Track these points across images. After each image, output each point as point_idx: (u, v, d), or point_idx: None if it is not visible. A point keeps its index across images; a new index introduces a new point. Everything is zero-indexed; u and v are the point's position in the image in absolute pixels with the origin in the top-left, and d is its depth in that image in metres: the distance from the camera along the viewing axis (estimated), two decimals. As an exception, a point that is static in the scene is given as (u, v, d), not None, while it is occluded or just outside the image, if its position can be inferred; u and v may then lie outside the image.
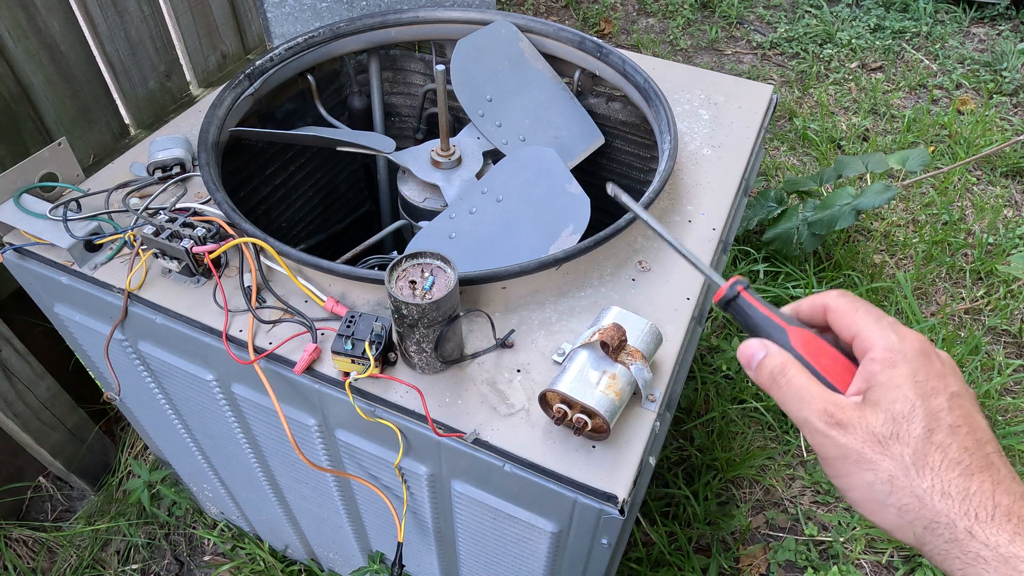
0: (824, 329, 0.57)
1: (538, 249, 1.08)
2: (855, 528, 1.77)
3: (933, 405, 0.49)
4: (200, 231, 0.93)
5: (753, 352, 0.55)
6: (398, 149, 1.25)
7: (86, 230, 0.98)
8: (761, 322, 0.55)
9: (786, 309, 0.58)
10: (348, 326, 0.83)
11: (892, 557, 1.73)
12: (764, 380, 0.54)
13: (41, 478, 1.83)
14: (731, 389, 2.03)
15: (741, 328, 0.57)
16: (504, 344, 0.88)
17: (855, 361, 0.54)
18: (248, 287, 0.93)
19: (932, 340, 2.11)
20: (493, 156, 1.30)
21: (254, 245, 0.95)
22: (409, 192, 1.28)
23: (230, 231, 0.95)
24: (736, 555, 1.73)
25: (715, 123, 1.27)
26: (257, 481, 1.28)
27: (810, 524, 1.79)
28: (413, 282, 0.78)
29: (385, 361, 0.85)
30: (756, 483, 1.89)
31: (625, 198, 0.65)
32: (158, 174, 1.10)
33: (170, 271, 0.96)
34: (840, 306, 0.54)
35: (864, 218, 2.60)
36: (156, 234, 0.92)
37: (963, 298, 2.37)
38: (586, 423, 0.74)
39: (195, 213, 0.99)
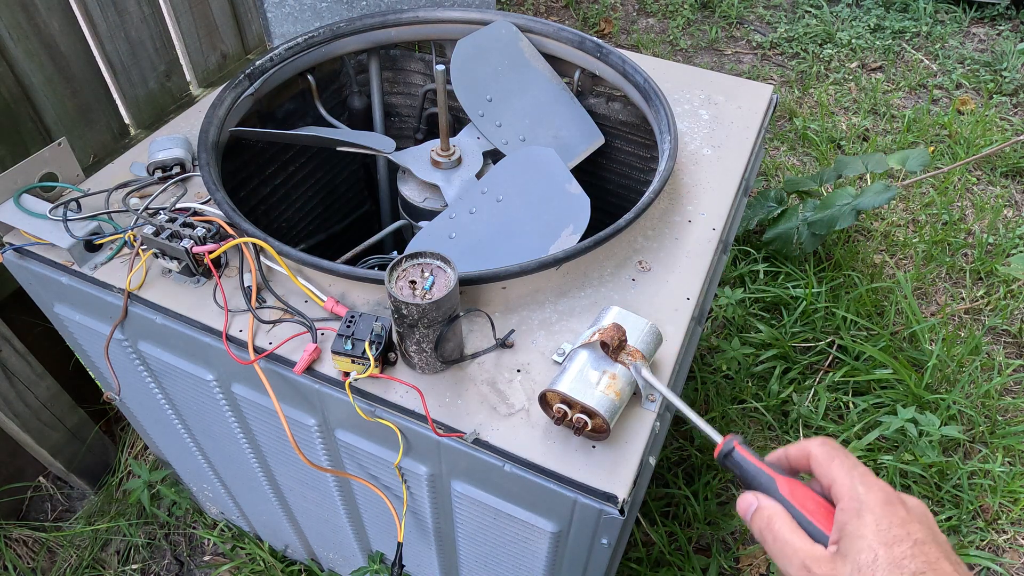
0: (811, 473, 0.61)
1: (538, 249, 1.08)
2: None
3: (895, 553, 0.51)
4: (200, 231, 0.93)
5: (748, 504, 0.61)
6: (398, 149, 1.25)
7: (86, 230, 0.98)
8: (754, 473, 0.61)
9: (778, 452, 0.63)
10: (348, 326, 0.83)
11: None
12: (755, 532, 0.60)
13: (41, 478, 1.83)
14: (731, 389, 2.03)
15: (738, 480, 0.65)
16: (504, 344, 0.88)
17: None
18: (248, 287, 0.93)
19: (932, 340, 2.11)
20: (493, 156, 1.30)
21: (254, 245, 0.95)
22: (409, 192, 1.28)
23: (230, 231, 0.95)
24: (736, 555, 1.73)
25: (715, 123, 1.27)
26: (257, 481, 1.28)
27: (810, 524, 1.78)
28: (413, 282, 0.78)
29: (385, 361, 0.85)
30: (756, 483, 1.88)
31: (647, 374, 0.75)
32: (158, 174, 1.10)
33: (170, 271, 0.96)
34: (819, 455, 0.60)
35: (864, 218, 2.60)
36: (156, 234, 0.92)
37: (963, 298, 2.37)
38: (586, 423, 0.74)
39: (195, 213, 0.99)
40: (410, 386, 0.83)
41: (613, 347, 0.75)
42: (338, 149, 1.22)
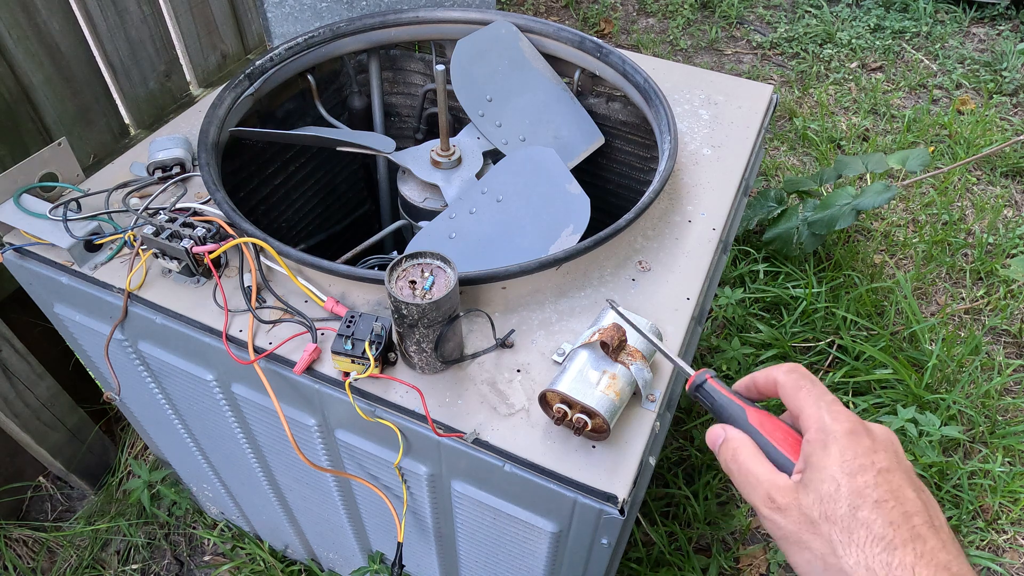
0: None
1: (538, 249, 1.08)
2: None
3: (858, 483, 0.51)
4: (200, 231, 0.93)
5: (716, 436, 0.61)
6: (398, 149, 1.25)
7: (86, 230, 0.98)
8: (724, 404, 0.62)
9: (745, 380, 0.63)
10: (348, 326, 0.83)
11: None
12: (723, 463, 0.61)
13: (41, 478, 1.83)
14: (731, 389, 2.03)
15: (709, 412, 0.65)
16: (504, 344, 0.88)
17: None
18: (248, 287, 0.93)
19: (932, 340, 2.11)
20: (493, 156, 1.30)
21: (254, 245, 0.95)
22: (409, 192, 1.28)
23: (230, 231, 0.95)
24: (736, 555, 1.73)
25: (715, 123, 1.27)
26: (257, 481, 1.28)
27: (810, 524, 1.78)
28: (413, 282, 0.78)
29: (385, 361, 0.85)
30: (756, 483, 1.88)
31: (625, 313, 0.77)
32: (158, 174, 1.10)
33: (170, 271, 0.96)
34: (787, 383, 0.59)
35: (864, 218, 2.60)
36: (156, 234, 0.92)
37: (963, 298, 2.37)
38: (586, 423, 0.74)
39: (195, 213, 0.99)
40: (410, 386, 0.83)
41: (613, 347, 0.75)
42: (338, 149, 1.22)
